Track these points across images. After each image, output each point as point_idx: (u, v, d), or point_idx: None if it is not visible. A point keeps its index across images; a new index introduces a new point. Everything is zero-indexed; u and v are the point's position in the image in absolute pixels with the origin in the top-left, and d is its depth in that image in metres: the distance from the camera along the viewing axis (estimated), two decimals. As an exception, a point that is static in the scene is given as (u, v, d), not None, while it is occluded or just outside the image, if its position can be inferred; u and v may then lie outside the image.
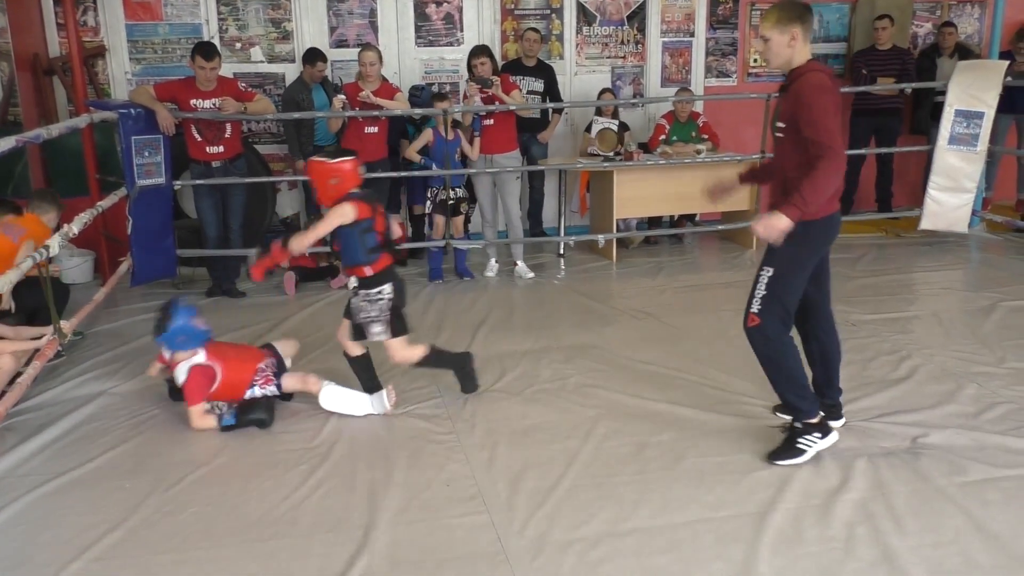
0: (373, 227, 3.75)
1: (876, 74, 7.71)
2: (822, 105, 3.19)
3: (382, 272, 3.80)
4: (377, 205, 3.82)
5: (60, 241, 4.29)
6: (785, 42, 3.32)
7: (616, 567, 2.80)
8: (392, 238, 3.86)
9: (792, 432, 3.52)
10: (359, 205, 3.70)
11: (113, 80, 7.10)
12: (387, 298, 3.80)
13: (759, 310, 3.39)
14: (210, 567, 2.85)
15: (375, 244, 3.76)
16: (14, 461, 3.63)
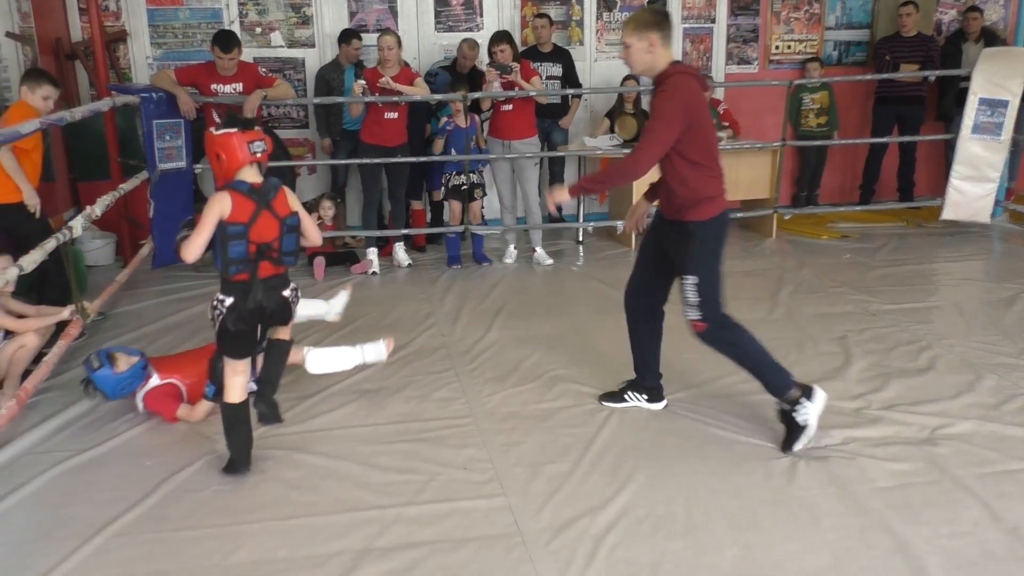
0: (245, 233, 3.00)
1: (900, 61, 7.63)
2: (665, 110, 3.30)
3: (236, 283, 3.09)
4: (268, 207, 3.06)
5: (83, 223, 4.33)
6: (644, 48, 3.38)
7: (631, 551, 2.81)
8: (284, 250, 3.12)
9: (785, 414, 3.56)
10: (237, 201, 3.01)
11: (134, 64, 7.14)
12: (221, 312, 3.10)
13: (700, 317, 3.52)
14: (229, 544, 2.88)
15: (240, 256, 3.02)
16: (38, 438, 3.69)
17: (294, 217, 3.14)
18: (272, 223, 3.07)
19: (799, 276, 6.06)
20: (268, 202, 3.06)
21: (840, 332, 4.84)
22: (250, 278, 3.06)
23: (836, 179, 8.32)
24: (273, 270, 3.12)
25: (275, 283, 3.16)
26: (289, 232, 3.12)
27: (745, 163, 7.10)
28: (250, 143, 3.01)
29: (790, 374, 3.53)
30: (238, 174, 3.05)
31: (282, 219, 3.09)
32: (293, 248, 3.16)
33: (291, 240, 3.14)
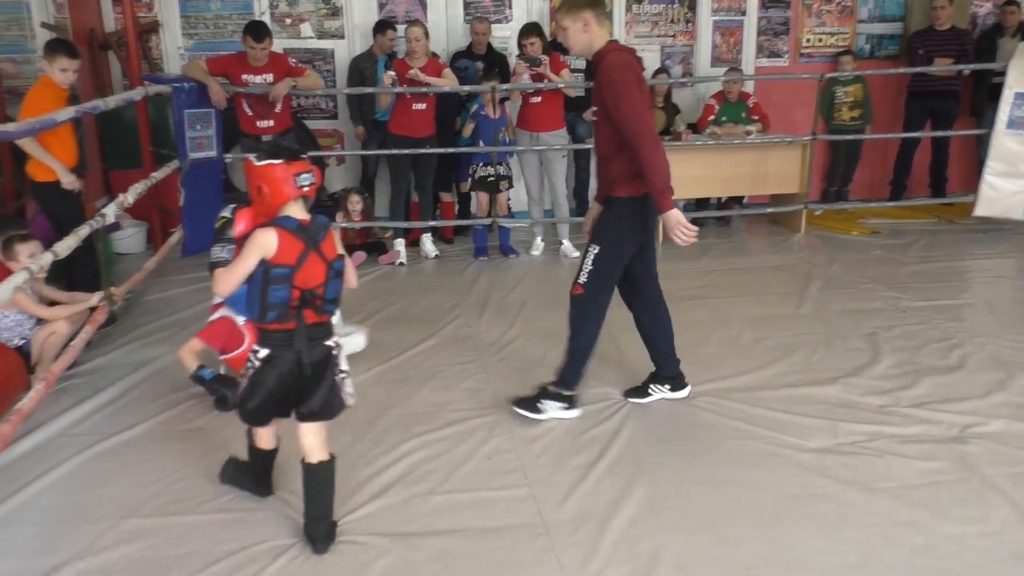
0: (290, 277, 2.60)
1: (933, 55, 7.53)
2: (624, 84, 3.29)
3: (276, 333, 2.68)
4: (316, 249, 2.64)
5: (116, 211, 4.39)
6: (580, 28, 3.41)
7: (655, 544, 2.81)
8: (328, 296, 2.70)
9: (543, 391, 3.68)
10: (284, 240, 2.59)
11: (166, 55, 7.21)
12: (255, 365, 2.71)
13: (584, 282, 3.56)
14: (259, 528, 2.92)
15: (282, 301, 2.61)
16: (70, 421, 3.75)
17: (340, 261, 2.73)
18: (319, 267, 2.65)
19: (828, 272, 6.00)
20: (317, 243, 2.64)
21: (869, 328, 4.80)
22: (296, 327, 2.65)
23: (867, 174, 8.22)
24: (315, 318, 2.70)
25: (318, 333, 2.71)
26: (335, 277, 2.71)
27: (775, 157, 7.04)
28: (297, 175, 2.59)
29: (577, 383, 3.70)
30: (283, 209, 2.62)
31: (329, 263, 2.68)
32: (336, 295, 2.74)
33: (336, 286, 2.73)
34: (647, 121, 3.32)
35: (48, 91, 4.53)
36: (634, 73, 3.36)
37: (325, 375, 2.72)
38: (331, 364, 2.74)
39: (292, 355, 2.66)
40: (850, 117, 7.76)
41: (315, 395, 2.71)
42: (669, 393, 3.91)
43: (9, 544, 2.86)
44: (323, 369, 2.71)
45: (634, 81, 3.32)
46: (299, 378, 2.69)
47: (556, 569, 2.68)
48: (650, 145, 3.28)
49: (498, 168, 6.43)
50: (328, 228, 2.71)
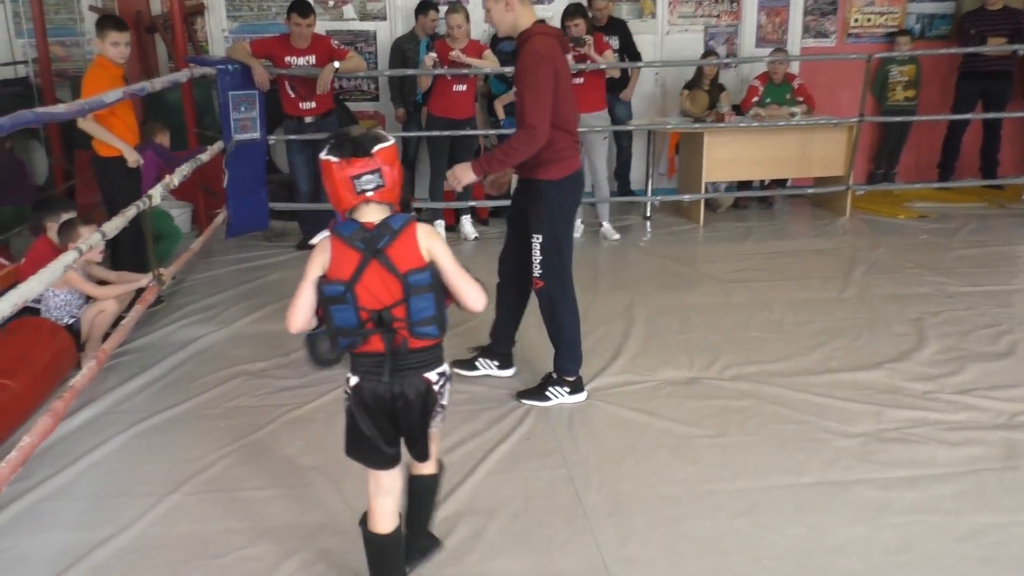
0: (346, 295, 2.14)
1: (986, 35, 7.34)
2: (535, 74, 3.32)
3: (364, 357, 2.22)
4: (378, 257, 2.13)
5: (162, 192, 4.46)
6: (502, 9, 3.41)
7: (692, 527, 2.80)
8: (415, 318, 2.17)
9: (546, 380, 3.72)
10: (338, 250, 2.15)
11: (211, 37, 7.29)
12: (347, 394, 2.29)
13: (540, 274, 3.59)
14: (300, 505, 2.97)
15: (348, 325, 2.17)
16: (117, 398, 3.84)
17: (423, 273, 2.15)
18: (389, 281, 2.14)
19: (873, 256, 5.91)
20: (380, 251, 2.13)
21: (915, 314, 4.72)
22: (385, 351, 2.19)
23: (913, 156, 8.06)
24: (401, 343, 2.19)
25: (410, 361, 2.22)
26: (417, 293, 2.15)
27: (819, 139, 6.94)
28: (356, 177, 2.10)
29: (579, 363, 3.72)
30: (350, 212, 2.18)
31: (403, 276, 2.14)
32: (431, 314, 2.18)
33: (424, 304, 2.17)
34: (542, 117, 3.34)
35: (102, 71, 4.59)
36: (552, 65, 3.35)
37: (425, 412, 2.26)
38: (431, 399, 2.26)
39: (382, 386, 2.21)
40: (904, 97, 7.62)
41: (416, 435, 2.30)
42: (496, 371, 3.98)
43: (60, 517, 2.94)
44: (422, 405, 2.25)
45: (549, 74, 3.33)
46: (393, 413, 2.25)
47: (593, 550, 2.68)
48: (529, 139, 3.35)
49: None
50: (402, 231, 2.14)
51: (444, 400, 2.31)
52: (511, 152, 3.41)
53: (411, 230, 2.16)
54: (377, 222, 2.15)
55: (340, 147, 2.11)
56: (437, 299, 2.20)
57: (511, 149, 3.39)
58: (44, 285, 3.07)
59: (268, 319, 4.81)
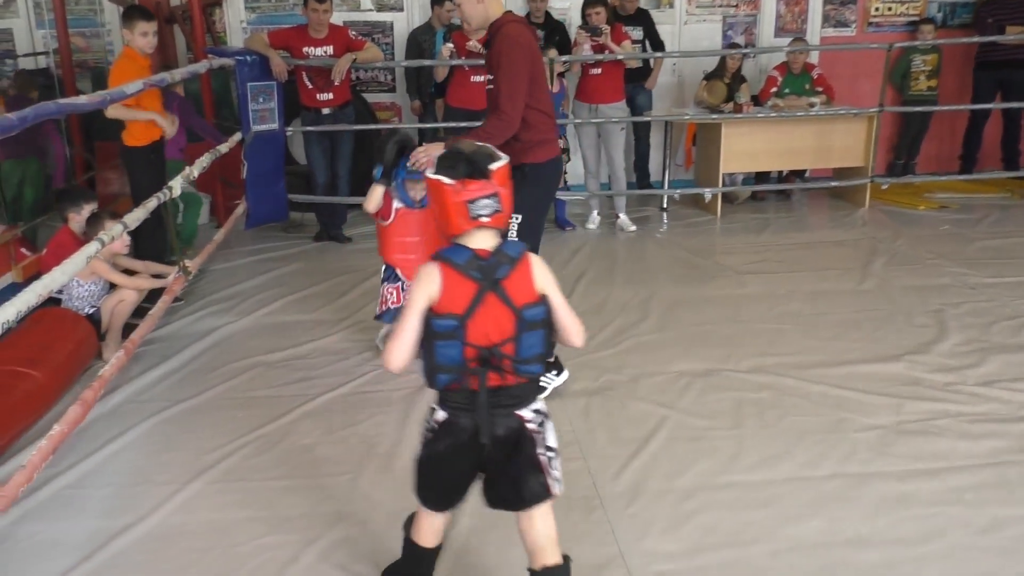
0: (459, 331, 1.99)
1: (1004, 23, 7.25)
2: (512, 60, 3.37)
3: (456, 393, 2.08)
4: (496, 291, 2.00)
5: (183, 184, 4.48)
6: (472, 2, 3.46)
7: (710, 518, 2.80)
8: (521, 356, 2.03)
9: None
10: (450, 279, 2.00)
11: (229, 28, 7.31)
12: (429, 429, 2.17)
13: None
14: (318, 494, 2.99)
15: (452, 362, 2.02)
16: (138, 388, 3.87)
17: (537, 308, 2.04)
18: (503, 315, 2.00)
19: (893, 247, 5.86)
20: (497, 282, 2.00)
21: (936, 305, 4.68)
22: (478, 389, 2.02)
23: (934, 147, 7.98)
24: (502, 381, 2.05)
25: (506, 400, 2.07)
26: (530, 330, 2.03)
27: (839, 130, 6.88)
28: (471, 202, 1.97)
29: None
30: (459, 236, 2.04)
31: (519, 310, 2.01)
32: (539, 352, 2.05)
33: (534, 341, 2.04)
34: (516, 104, 3.39)
35: (130, 63, 4.64)
36: (526, 52, 3.40)
37: (518, 453, 2.10)
38: (526, 440, 2.10)
39: (473, 424, 2.05)
40: (927, 87, 7.54)
41: (504, 479, 2.13)
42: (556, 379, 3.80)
43: (85, 504, 2.97)
44: (514, 446, 2.09)
45: (524, 59, 3.38)
46: (480, 455, 2.09)
47: (611, 542, 2.69)
48: (503, 125, 3.39)
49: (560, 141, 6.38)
50: (519, 261, 2.03)
51: (550, 441, 2.14)
52: (484, 137, 3.35)
53: (527, 260, 2.05)
54: (491, 249, 2.01)
55: (454, 167, 1.97)
56: (546, 335, 2.08)
57: (485, 134, 3.36)
58: (68, 276, 3.10)
59: (286, 310, 4.84)
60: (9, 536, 2.78)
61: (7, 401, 3.32)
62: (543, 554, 2.15)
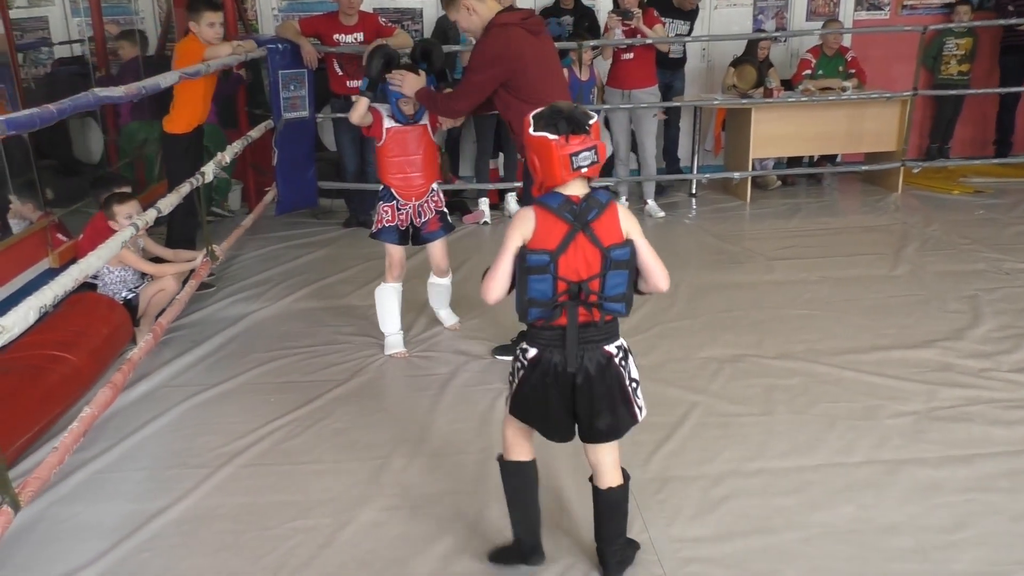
0: (551, 266, 2.17)
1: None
2: (476, 65, 3.53)
3: (546, 331, 2.26)
4: (586, 231, 2.18)
5: (215, 170, 4.52)
6: (465, 16, 3.57)
7: (740, 505, 2.80)
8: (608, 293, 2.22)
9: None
10: (544, 220, 2.19)
11: (261, 16, 7.34)
12: (522, 366, 2.31)
13: None
14: (350, 478, 3.02)
15: (544, 296, 2.19)
16: (172, 372, 3.92)
17: (625, 248, 2.22)
18: (591, 254, 2.18)
19: (926, 232, 5.79)
20: (587, 224, 2.17)
21: (969, 291, 4.62)
22: (567, 324, 2.21)
23: (968, 131, 7.85)
24: (590, 317, 2.23)
25: (594, 335, 2.25)
26: (615, 268, 2.20)
27: (870, 114, 6.79)
28: (574, 155, 2.13)
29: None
30: (560, 186, 2.20)
31: (606, 249, 2.19)
32: (623, 291, 2.24)
33: (619, 280, 2.22)
34: (467, 105, 3.62)
35: (195, 44, 4.74)
36: (497, 55, 3.48)
37: (606, 386, 2.26)
38: (613, 372, 2.27)
39: (561, 359, 2.23)
40: (958, 71, 7.41)
41: (594, 410, 2.27)
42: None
43: (120, 487, 3.03)
44: (602, 379, 2.25)
45: (493, 64, 3.48)
46: (571, 388, 2.25)
47: (640, 528, 2.69)
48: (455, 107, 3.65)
49: (587, 128, 6.33)
50: (607, 207, 2.21)
51: (634, 373, 2.34)
52: (432, 105, 3.72)
53: (614, 206, 2.23)
54: (583, 195, 2.20)
55: (555, 124, 2.14)
56: (630, 276, 2.24)
57: (437, 108, 3.71)
58: (103, 261, 3.15)
59: (316, 296, 4.88)
60: (46, 518, 2.83)
61: (44, 384, 3.37)
62: (608, 476, 2.37)
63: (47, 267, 4.51)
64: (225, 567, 2.58)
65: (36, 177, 4.73)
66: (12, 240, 4.37)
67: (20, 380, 3.29)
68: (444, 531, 2.70)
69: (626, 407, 2.30)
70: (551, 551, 2.53)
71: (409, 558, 2.58)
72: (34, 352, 3.49)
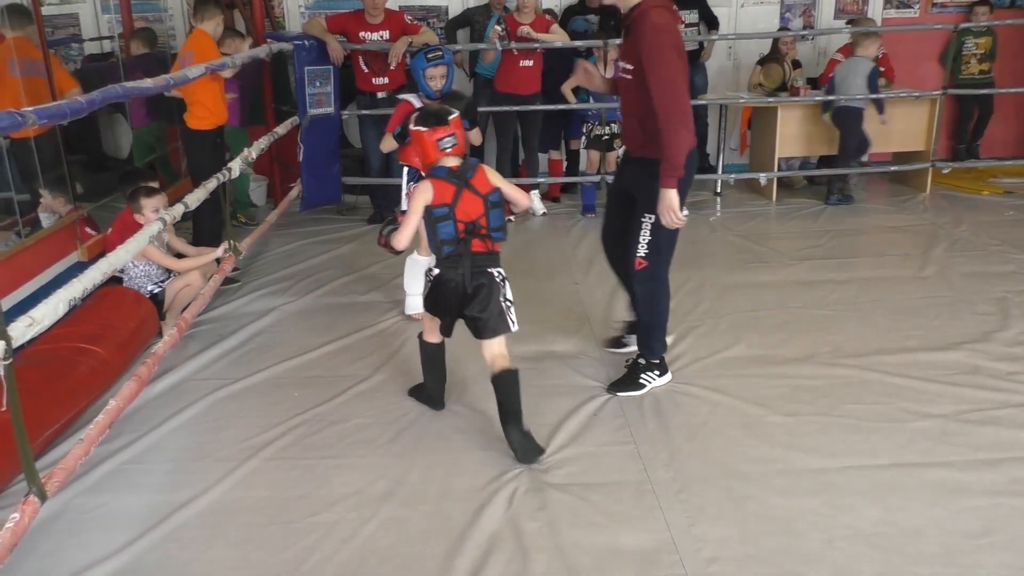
0: (451, 214, 3.04)
1: None
2: (662, 52, 3.13)
3: (448, 259, 3.11)
4: (468, 187, 3.07)
5: (241, 166, 4.55)
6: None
7: (763, 505, 2.78)
8: (492, 226, 3.10)
9: (635, 367, 3.61)
10: (438, 186, 3.06)
11: (287, 13, 7.39)
12: (429, 281, 3.20)
13: (645, 254, 3.43)
14: (371, 473, 3.03)
15: (450, 236, 3.06)
16: (197, 366, 3.96)
17: (496, 193, 3.12)
18: (475, 201, 3.07)
19: (955, 233, 5.72)
20: (467, 181, 3.07)
21: (999, 293, 4.56)
22: (463, 251, 3.07)
23: (999, 131, 7.75)
24: (483, 247, 3.11)
25: (484, 260, 3.12)
26: (493, 208, 3.09)
27: (899, 114, 6.71)
28: (439, 140, 3.07)
29: (665, 346, 3.65)
30: (436, 163, 3.12)
31: (484, 196, 3.08)
32: (500, 223, 3.12)
33: (497, 215, 3.11)
34: (679, 94, 3.14)
35: (210, 41, 4.83)
36: (674, 38, 3.19)
37: (490, 297, 3.09)
38: (495, 288, 3.11)
39: (459, 276, 3.08)
40: (979, 70, 7.32)
41: (480, 311, 3.09)
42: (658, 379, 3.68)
43: (145, 478, 3.06)
44: (488, 291, 3.09)
45: (673, 47, 3.16)
46: (464, 296, 3.10)
47: (663, 527, 2.68)
48: (677, 121, 3.12)
49: (611, 126, 6.34)
50: (477, 167, 3.13)
51: (509, 295, 3.16)
52: (675, 146, 3.14)
53: (481, 167, 3.17)
54: (458, 165, 3.12)
55: (427, 120, 3.10)
56: (503, 213, 3.13)
57: (675, 143, 3.13)
58: (131, 255, 3.18)
59: (340, 291, 4.90)
60: (72, 508, 2.87)
61: (72, 377, 3.42)
62: (497, 363, 3.12)
63: (76, 260, 4.56)
64: (249, 559, 2.60)
65: (66, 172, 4.78)
66: (42, 234, 4.43)
67: (48, 372, 3.33)
68: (466, 528, 2.71)
69: (501, 316, 3.11)
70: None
71: (430, 555, 2.59)
72: (62, 344, 3.54)
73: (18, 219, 4.35)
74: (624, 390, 3.58)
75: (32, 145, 4.48)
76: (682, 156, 3.17)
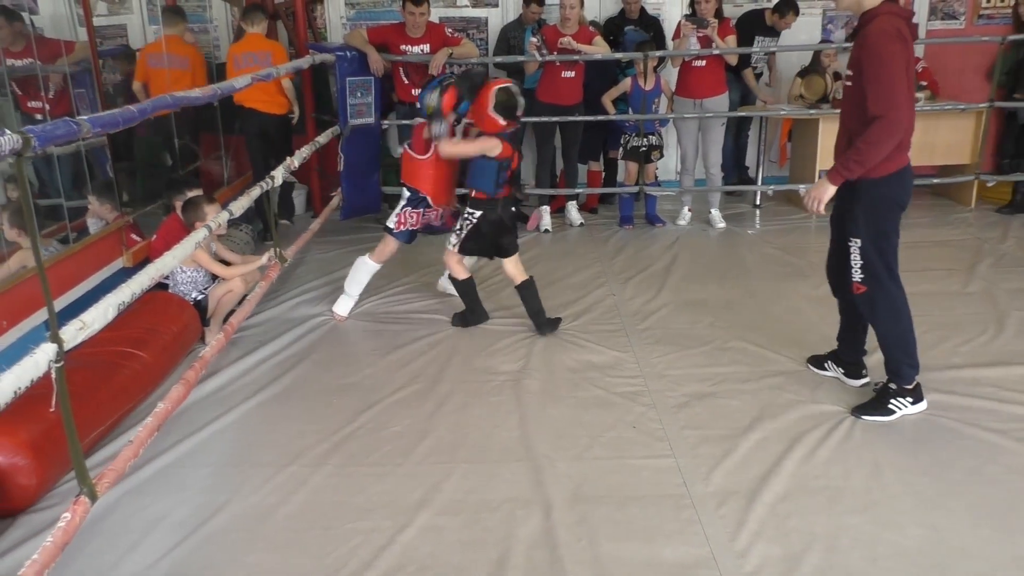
0: (509, 166, 4.19)
1: None
2: (887, 56, 2.98)
3: (491, 202, 4.21)
4: (515, 148, 4.26)
5: (284, 174, 4.61)
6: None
7: (805, 522, 2.74)
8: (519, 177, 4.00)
9: (884, 392, 3.42)
10: (506, 145, 4.14)
11: (329, 24, 7.48)
12: (471, 221, 4.24)
13: (861, 279, 3.32)
14: (409, 482, 3.04)
15: (504, 180, 4.21)
16: (238, 371, 4.01)
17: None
18: (516, 158, 4.25)
19: (1002, 248, 5.62)
20: (518, 144, 4.17)
21: (1046, 310, 4.47)
22: (508, 195, 4.29)
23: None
24: (508, 192, 4.28)
25: (509, 202, 4.35)
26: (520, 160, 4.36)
27: (944, 126, 6.62)
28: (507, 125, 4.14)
29: (916, 369, 3.40)
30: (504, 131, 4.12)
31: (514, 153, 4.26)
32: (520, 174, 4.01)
33: (518, 169, 4.38)
34: (903, 100, 2.98)
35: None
36: (901, 45, 2.99)
37: (515, 227, 4.40)
38: (514, 221, 4.42)
39: (501, 214, 4.25)
40: None
41: (503, 240, 4.30)
42: (843, 377, 3.73)
43: (187, 481, 3.10)
44: (513, 223, 4.39)
45: (899, 54, 2.97)
46: (502, 227, 4.28)
47: (702, 542, 2.66)
48: (892, 129, 2.99)
49: (650, 138, 6.32)
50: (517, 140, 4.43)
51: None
52: (870, 148, 3.03)
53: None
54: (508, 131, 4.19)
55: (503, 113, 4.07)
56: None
57: (869, 145, 3.02)
58: (177, 261, 3.22)
59: (379, 300, 4.94)
60: (116, 509, 2.91)
61: (117, 380, 3.48)
62: (516, 278, 4.36)
63: (121, 266, 4.65)
64: (289, 563, 2.62)
65: (114, 179, 4.88)
66: (89, 240, 4.52)
67: (95, 375, 3.39)
68: (501, 538, 2.70)
69: (515, 239, 4.41)
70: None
71: (469, 564, 2.58)
72: (108, 348, 3.60)
73: (67, 224, 4.44)
74: (871, 414, 3.40)
75: (81, 152, 4.58)
76: (875, 158, 3.05)
